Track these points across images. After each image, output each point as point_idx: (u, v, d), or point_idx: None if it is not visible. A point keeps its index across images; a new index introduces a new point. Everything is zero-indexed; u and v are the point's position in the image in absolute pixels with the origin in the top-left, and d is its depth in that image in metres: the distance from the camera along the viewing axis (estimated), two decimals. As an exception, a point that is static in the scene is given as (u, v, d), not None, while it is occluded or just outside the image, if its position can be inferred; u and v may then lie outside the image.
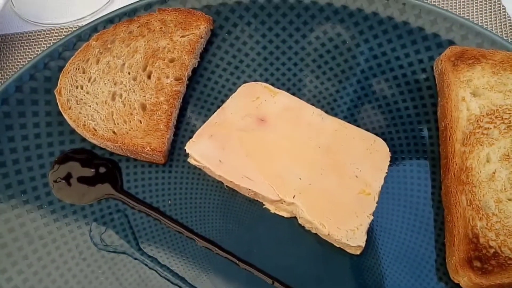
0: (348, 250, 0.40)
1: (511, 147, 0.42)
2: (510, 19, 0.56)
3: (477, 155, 0.42)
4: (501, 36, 0.54)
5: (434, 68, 0.48)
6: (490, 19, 0.57)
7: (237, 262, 0.41)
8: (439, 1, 0.58)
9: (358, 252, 0.40)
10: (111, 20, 0.50)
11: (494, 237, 0.39)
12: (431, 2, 0.57)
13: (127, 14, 0.50)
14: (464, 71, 0.45)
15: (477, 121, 0.43)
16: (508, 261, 0.38)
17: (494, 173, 0.41)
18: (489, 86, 0.44)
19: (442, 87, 0.46)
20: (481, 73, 0.45)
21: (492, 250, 0.38)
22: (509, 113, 0.43)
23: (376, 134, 0.45)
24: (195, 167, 0.44)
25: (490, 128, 0.43)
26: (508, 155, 0.41)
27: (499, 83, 0.44)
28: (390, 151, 0.44)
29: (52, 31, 0.57)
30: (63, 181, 0.44)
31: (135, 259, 0.41)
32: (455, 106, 0.44)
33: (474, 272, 0.37)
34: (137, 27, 0.49)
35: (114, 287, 0.40)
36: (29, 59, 0.56)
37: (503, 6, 0.57)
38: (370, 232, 0.41)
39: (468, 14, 0.57)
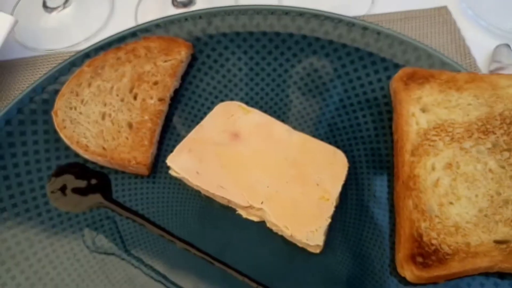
0: (309, 249, 0.46)
1: (453, 157, 0.47)
2: (467, 46, 0.62)
3: (424, 164, 0.47)
4: (451, 58, 0.60)
5: (390, 86, 0.53)
6: (448, 44, 0.63)
7: (212, 261, 0.46)
8: (399, 26, 0.64)
9: (318, 251, 0.46)
10: (101, 47, 0.56)
11: (435, 236, 0.44)
12: (391, 27, 0.63)
13: (116, 41, 0.56)
14: (415, 90, 0.51)
15: (425, 134, 0.49)
16: (446, 256, 0.43)
17: (438, 180, 0.46)
18: (436, 103, 0.50)
19: (395, 104, 0.51)
20: (429, 91, 0.51)
21: (433, 247, 0.44)
22: (453, 127, 0.49)
23: (338, 147, 0.50)
24: (175, 178, 0.50)
25: (436, 140, 0.48)
26: (450, 164, 0.47)
27: (444, 100, 0.50)
28: (349, 162, 0.49)
29: (50, 56, 0.63)
30: (59, 191, 0.49)
31: (123, 259, 0.46)
32: (406, 121, 0.50)
33: (417, 266, 0.43)
34: (125, 54, 0.54)
35: (104, 284, 0.45)
36: (29, 82, 0.61)
37: (458, 28, 0.63)
38: (329, 233, 0.46)
39: (427, 38, 0.63)
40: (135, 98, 0.52)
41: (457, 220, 0.45)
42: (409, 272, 0.43)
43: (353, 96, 0.54)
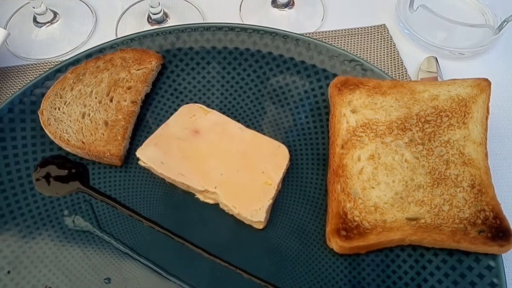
0: (254, 225, 0.54)
1: (376, 149, 0.57)
2: (400, 59, 0.72)
3: (351, 156, 0.56)
4: (386, 70, 0.70)
5: (328, 92, 0.63)
6: (385, 56, 0.73)
7: (173, 236, 0.54)
8: (343, 41, 0.74)
9: (261, 227, 0.54)
10: (83, 57, 0.65)
11: (358, 214, 0.53)
12: (336, 42, 0.73)
13: (96, 52, 0.65)
14: (347, 95, 0.60)
15: (353, 131, 0.58)
16: (366, 231, 0.52)
17: (362, 168, 0.56)
18: (364, 105, 0.60)
19: (331, 106, 0.61)
20: (359, 95, 0.60)
21: (355, 223, 0.53)
22: (377, 125, 0.58)
23: (283, 142, 0.59)
24: (144, 167, 0.58)
25: (362, 136, 0.58)
26: (373, 155, 0.56)
27: (371, 103, 0.60)
28: (291, 154, 0.58)
29: (39, 65, 0.72)
30: (44, 179, 0.58)
31: (96, 235, 0.54)
32: (338, 120, 0.59)
33: (340, 238, 0.51)
34: (103, 63, 0.63)
35: (80, 256, 0.53)
36: (19, 86, 0.70)
37: (394, 43, 0.74)
38: (272, 212, 0.55)
39: (367, 52, 0.73)
40: (111, 100, 0.61)
41: (377, 201, 0.54)
42: (334, 243, 0.52)
43: (298, 101, 0.64)
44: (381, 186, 0.55)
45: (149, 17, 0.75)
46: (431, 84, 0.60)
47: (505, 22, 0.67)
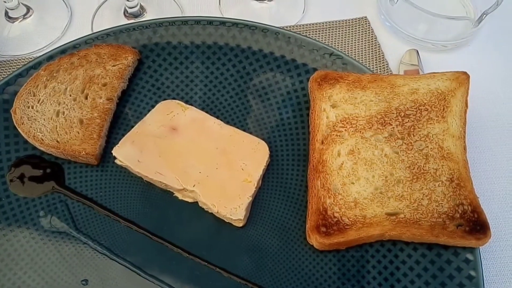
0: (234, 224, 0.54)
1: (356, 144, 0.56)
2: (381, 51, 0.71)
3: (331, 151, 0.56)
4: (367, 63, 0.69)
5: (308, 86, 0.62)
6: (366, 49, 0.72)
7: (151, 236, 0.54)
8: (324, 35, 0.73)
9: (240, 225, 0.54)
10: (57, 54, 0.63)
11: (338, 210, 0.53)
12: (317, 35, 0.73)
13: (70, 48, 0.63)
14: (327, 89, 0.60)
15: (333, 126, 0.58)
16: (346, 227, 0.52)
17: (342, 164, 0.55)
18: (344, 100, 0.59)
19: (311, 101, 0.60)
20: (339, 90, 0.60)
21: (335, 219, 0.52)
22: (356, 119, 0.58)
23: (263, 139, 0.59)
24: (121, 167, 0.57)
25: (342, 131, 0.57)
26: (353, 151, 0.56)
27: (351, 97, 0.59)
28: (271, 150, 0.58)
29: (13, 61, 0.70)
30: (18, 180, 0.56)
31: (73, 236, 0.53)
32: (318, 115, 0.58)
33: (320, 235, 0.51)
34: (77, 59, 0.62)
35: (56, 258, 0.52)
36: (-8, 85, 0.68)
37: (375, 36, 0.73)
38: (252, 210, 0.55)
39: (348, 45, 0.72)
40: (86, 98, 0.60)
41: (356, 197, 0.53)
42: (314, 240, 0.52)
43: (278, 96, 0.63)
44: (361, 181, 0.54)
45: (125, 11, 0.73)
46: (411, 78, 0.59)
47: (484, 15, 0.67)
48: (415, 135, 0.56)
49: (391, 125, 0.57)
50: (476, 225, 0.50)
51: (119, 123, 0.61)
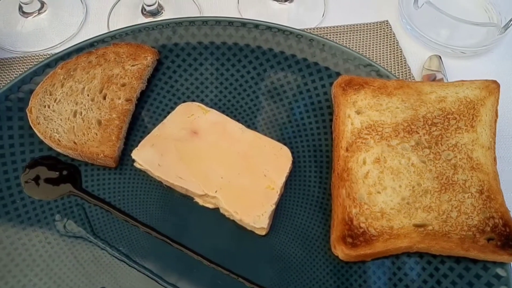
0: (256, 232, 0.52)
1: (382, 153, 0.55)
2: (403, 57, 0.70)
3: (356, 159, 0.55)
4: (389, 69, 0.68)
5: (331, 91, 0.61)
6: (387, 54, 0.71)
7: (171, 243, 0.52)
8: (345, 38, 0.71)
9: (263, 233, 0.52)
10: (74, 51, 0.61)
11: (364, 220, 0.51)
12: (338, 39, 0.71)
13: (88, 46, 0.62)
14: (351, 95, 0.58)
15: (358, 133, 0.56)
16: (372, 238, 0.50)
17: (368, 172, 0.54)
18: (369, 106, 0.58)
19: (335, 106, 0.58)
20: (364, 96, 0.58)
21: (361, 230, 0.51)
22: (382, 127, 0.56)
23: (285, 144, 0.57)
24: (140, 170, 0.56)
25: (367, 138, 0.56)
26: (378, 159, 0.54)
27: (376, 104, 0.58)
28: (293, 156, 0.56)
29: (26, 58, 0.68)
30: (33, 181, 0.54)
31: (90, 242, 0.52)
32: (343, 121, 0.57)
33: (346, 246, 0.50)
34: (95, 58, 0.60)
35: (73, 264, 0.50)
36: (5, 81, 0.66)
37: (397, 41, 0.72)
38: (274, 218, 0.53)
39: (369, 49, 0.71)
40: (104, 98, 0.58)
41: (383, 207, 0.52)
42: (340, 251, 0.50)
43: (300, 100, 0.61)
44: (388, 191, 0.53)
45: (143, 8, 0.71)
46: (438, 85, 0.58)
47: (512, 21, 0.66)
48: (443, 144, 0.55)
49: (418, 133, 0.55)
50: (508, 239, 0.48)
51: (137, 124, 0.59)
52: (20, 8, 0.70)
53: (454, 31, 0.70)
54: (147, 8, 0.71)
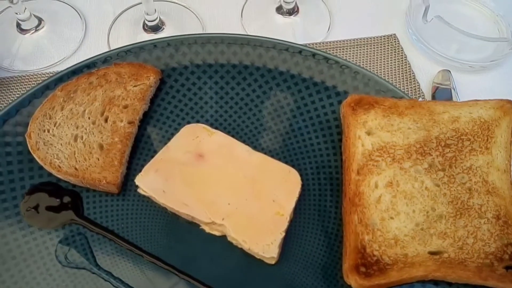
0: (265, 261, 0.50)
1: (394, 176, 0.53)
2: (412, 72, 0.68)
3: (368, 183, 0.53)
4: (397, 84, 0.66)
5: (340, 111, 0.59)
6: (395, 69, 0.69)
7: (177, 273, 0.50)
8: (351, 53, 0.69)
9: (273, 262, 0.50)
10: (74, 72, 0.59)
11: (377, 248, 0.50)
12: (343, 53, 0.69)
13: (88, 66, 0.60)
14: (361, 115, 0.56)
15: (369, 155, 0.54)
16: (387, 266, 0.49)
17: (380, 197, 0.52)
18: (380, 127, 0.56)
19: (344, 127, 0.57)
20: (374, 116, 0.56)
21: (375, 258, 0.49)
22: (394, 148, 0.54)
23: (292, 166, 0.55)
24: (143, 196, 0.54)
25: (379, 161, 0.54)
26: (391, 183, 0.53)
27: (387, 124, 0.56)
28: (302, 179, 0.54)
29: (24, 77, 0.66)
30: (33, 209, 0.52)
31: (93, 273, 0.50)
32: (353, 143, 0.55)
33: (360, 275, 0.48)
34: (96, 79, 0.58)
35: (75, 297, 0.49)
36: (2, 102, 0.64)
37: (405, 55, 0.70)
38: (284, 245, 0.51)
39: (376, 64, 0.69)
40: (106, 121, 0.56)
41: (397, 233, 0.50)
42: (353, 281, 0.48)
43: (307, 119, 0.60)
44: (401, 216, 0.51)
45: (144, 24, 0.69)
46: (451, 105, 0.56)
47: (524, 36, 0.64)
48: (457, 167, 0.53)
49: (431, 155, 0.54)
50: (528, 268, 0.47)
51: (140, 147, 0.57)
52: (18, 25, 0.68)
53: (463, 45, 0.68)
54: (149, 24, 0.69)
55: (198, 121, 0.59)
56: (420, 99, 0.66)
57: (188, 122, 0.59)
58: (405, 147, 0.54)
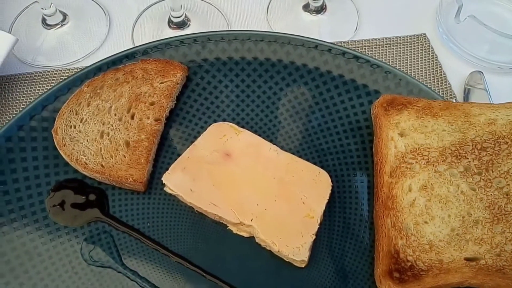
0: (295, 264, 0.49)
1: (428, 179, 0.51)
2: (443, 72, 0.66)
3: (401, 186, 0.51)
4: (428, 85, 0.64)
5: (371, 111, 0.57)
6: (426, 69, 0.67)
7: (204, 274, 0.49)
8: (380, 52, 0.68)
9: (303, 265, 0.49)
10: (100, 68, 0.58)
11: (411, 253, 0.48)
12: (372, 53, 0.68)
13: (114, 63, 0.59)
14: (394, 115, 0.55)
15: (403, 157, 0.53)
16: (421, 272, 0.47)
17: (414, 200, 0.50)
18: (413, 128, 0.54)
19: (376, 128, 0.55)
20: (407, 117, 0.55)
21: (409, 264, 0.47)
22: (428, 151, 0.53)
23: (322, 167, 0.54)
24: (170, 194, 0.53)
25: (413, 163, 0.52)
26: (425, 186, 0.51)
27: (421, 126, 0.54)
28: (332, 181, 0.53)
29: (48, 72, 0.65)
30: (58, 206, 0.52)
31: (119, 272, 0.49)
32: (385, 144, 0.53)
33: (393, 281, 0.46)
34: (123, 75, 0.57)
35: (101, 296, 0.48)
36: (26, 97, 0.63)
37: (436, 55, 0.68)
38: (313, 248, 0.50)
39: (406, 64, 0.67)
40: (132, 117, 0.55)
41: (431, 239, 0.49)
42: (386, 286, 0.47)
43: (337, 119, 0.58)
44: (436, 221, 0.49)
45: (170, 21, 0.68)
46: (487, 107, 0.54)
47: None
48: (493, 170, 0.51)
49: (467, 158, 0.52)
50: None
51: (166, 145, 0.56)
52: (44, 20, 0.68)
53: (495, 46, 0.66)
54: (174, 20, 0.68)
55: (224, 119, 0.58)
56: (453, 100, 0.64)
57: (214, 121, 0.58)
58: (439, 150, 0.53)
